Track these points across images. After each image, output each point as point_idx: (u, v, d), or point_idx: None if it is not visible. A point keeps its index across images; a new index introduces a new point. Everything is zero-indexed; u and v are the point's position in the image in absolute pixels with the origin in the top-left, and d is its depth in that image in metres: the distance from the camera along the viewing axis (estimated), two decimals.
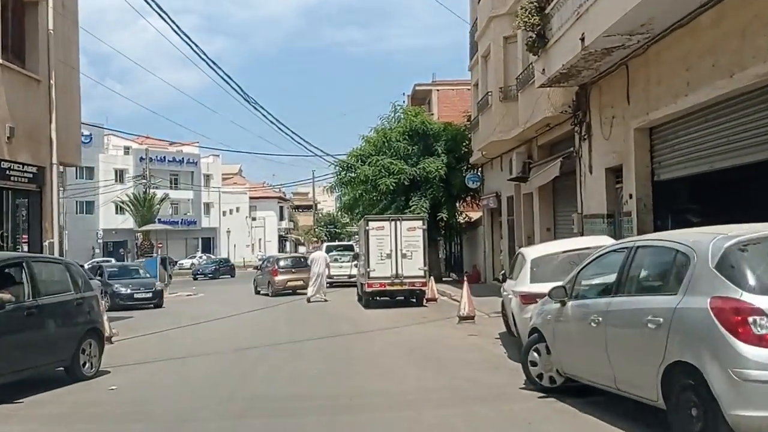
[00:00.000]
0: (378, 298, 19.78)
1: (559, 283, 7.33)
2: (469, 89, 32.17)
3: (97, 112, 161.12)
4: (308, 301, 22.17)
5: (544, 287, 7.75)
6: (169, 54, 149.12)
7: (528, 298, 9.20)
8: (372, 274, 19.12)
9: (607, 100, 13.33)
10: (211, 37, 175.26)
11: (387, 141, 30.14)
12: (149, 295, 23.05)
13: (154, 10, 17.45)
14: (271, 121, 25.29)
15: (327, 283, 29.21)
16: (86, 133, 70.80)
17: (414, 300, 19.69)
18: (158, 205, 57.52)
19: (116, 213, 68.99)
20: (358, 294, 21.74)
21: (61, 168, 16.66)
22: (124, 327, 15.92)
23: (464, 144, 29.31)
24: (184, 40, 18.15)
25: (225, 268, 52.29)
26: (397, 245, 19.03)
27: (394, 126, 30.88)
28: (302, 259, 28.23)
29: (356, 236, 49.65)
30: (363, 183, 30.78)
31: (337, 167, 31.25)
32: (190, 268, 65.08)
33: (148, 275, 25.50)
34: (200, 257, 70.63)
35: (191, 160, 75.25)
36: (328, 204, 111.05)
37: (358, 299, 21.74)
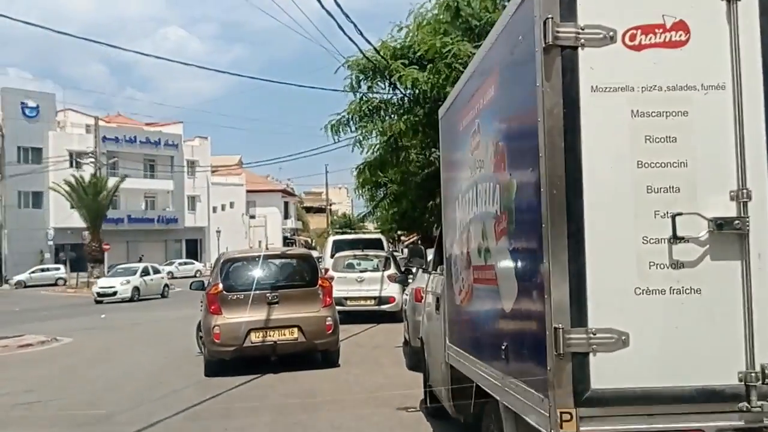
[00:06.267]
0: None
1: None
2: None
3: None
4: None
5: None
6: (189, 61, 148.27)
7: None
8: (604, 357, 2.60)
9: None
10: (230, 44, 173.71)
11: (461, 10, 14.08)
12: None
13: None
14: None
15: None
16: (32, 104, 56.13)
17: None
18: (108, 192, 41.61)
19: (73, 207, 52.71)
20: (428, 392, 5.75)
21: None
22: None
23: None
24: None
25: None
26: None
27: None
28: (297, 263, 10.63)
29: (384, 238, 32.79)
30: (407, 110, 15.01)
31: (351, 75, 15.06)
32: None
33: None
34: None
35: (171, 142, 59.73)
36: (344, 206, 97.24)
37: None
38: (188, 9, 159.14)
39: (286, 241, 73.72)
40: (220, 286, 9.35)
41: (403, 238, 49.86)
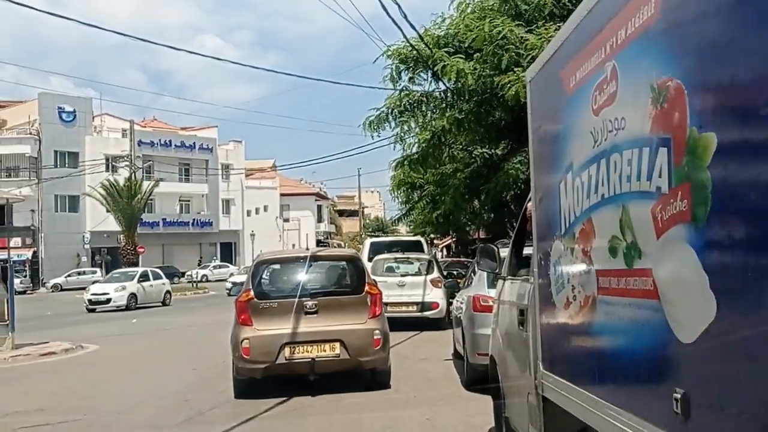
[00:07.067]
0: None
1: None
2: None
3: None
4: None
5: None
6: (225, 69, 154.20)
7: None
8: None
9: None
10: (265, 51, 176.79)
11: None
12: None
13: None
14: None
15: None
16: (69, 108, 56.25)
17: None
18: (143, 195, 41.24)
19: (108, 211, 52.75)
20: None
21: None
22: None
23: None
24: None
25: None
26: None
27: None
28: (341, 266, 9.11)
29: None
30: (450, 105, 14.21)
31: (392, 64, 14.12)
32: (201, 281, 49.48)
33: None
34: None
35: (205, 146, 59.47)
36: (376, 209, 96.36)
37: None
38: (224, 17, 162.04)
39: (320, 245, 73.17)
40: (252, 292, 8.11)
41: (436, 241, 48.47)
